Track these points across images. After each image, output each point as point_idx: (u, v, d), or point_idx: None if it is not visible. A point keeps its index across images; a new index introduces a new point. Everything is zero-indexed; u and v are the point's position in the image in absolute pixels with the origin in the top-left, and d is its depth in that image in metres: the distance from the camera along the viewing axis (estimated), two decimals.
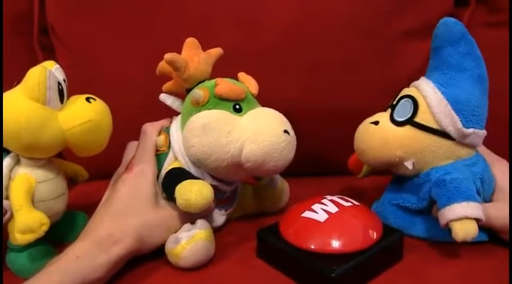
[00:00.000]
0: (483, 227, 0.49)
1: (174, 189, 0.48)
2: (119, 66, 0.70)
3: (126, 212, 0.48)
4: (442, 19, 0.52)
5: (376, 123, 0.53)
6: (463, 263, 0.49)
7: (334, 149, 0.71)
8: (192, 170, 0.52)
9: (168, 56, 0.51)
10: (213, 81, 0.53)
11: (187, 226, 0.49)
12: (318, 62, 0.68)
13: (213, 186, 0.49)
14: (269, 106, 0.54)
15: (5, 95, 0.47)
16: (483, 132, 0.51)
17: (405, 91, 0.54)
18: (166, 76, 0.56)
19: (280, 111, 0.53)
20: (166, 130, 0.55)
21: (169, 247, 0.47)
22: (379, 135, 0.52)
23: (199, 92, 0.51)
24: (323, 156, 0.73)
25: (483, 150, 0.55)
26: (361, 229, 0.48)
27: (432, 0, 0.70)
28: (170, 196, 0.49)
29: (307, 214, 0.48)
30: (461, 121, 0.50)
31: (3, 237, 0.48)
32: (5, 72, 0.60)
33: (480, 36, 0.53)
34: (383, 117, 0.54)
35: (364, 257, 0.45)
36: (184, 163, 0.52)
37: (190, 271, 0.48)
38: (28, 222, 0.46)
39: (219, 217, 0.56)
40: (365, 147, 0.54)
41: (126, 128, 0.55)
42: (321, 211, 0.48)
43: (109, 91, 0.65)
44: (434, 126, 0.51)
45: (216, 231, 0.53)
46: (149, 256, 0.49)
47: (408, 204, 0.54)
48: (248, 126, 0.50)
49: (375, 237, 0.47)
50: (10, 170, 0.49)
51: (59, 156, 0.54)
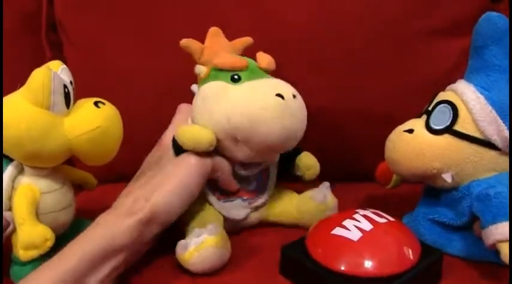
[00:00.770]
0: None
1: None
2: (128, 62, 0.68)
3: (147, 183, 0.48)
4: (485, 14, 0.47)
5: (410, 131, 0.49)
6: None
7: (358, 154, 0.68)
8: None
9: (183, 41, 0.54)
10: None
11: (197, 231, 0.46)
12: (340, 62, 0.65)
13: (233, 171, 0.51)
14: None
15: (6, 99, 0.44)
16: None
17: (442, 96, 0.49)
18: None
19: None
20: None
21: (178, 253, 0.46)
22: (414, 145, 0.48)
23: (199, 67, 0.52)
24: (347, 161, 0.69)
25: None
26: (397, 250, 0.43)
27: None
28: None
29: (338, 231, 0.44)
30: (508, 129, 0.45)
31: (6, 249, 0.45)
32: (13, 70, 0.57)
33: None
34: (418, 125, 0.49)
35: (400, 281, 0.41)
36: None
37: (207, 277, 0.46)
38: (31, 238, 0.44)
39: (241, 210, 0.53)
40: (398, 158, 0.49)
41: (136, 127, 0.53)
42: (354, 228, 0.44)
43: (118, 88, 0.66)
44: (476, 135, 0.46)
45: (240, 236, 0.52)
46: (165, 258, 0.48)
47: (445, 220, 0.49)
48: (237, 94, 0.48)
49: (413, 258, 0.43)
50: (13, 180, 0.46)
51: (66, 162, 0.50)
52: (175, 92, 0.65)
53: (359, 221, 0.45)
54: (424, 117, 0.49)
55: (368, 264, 0.41)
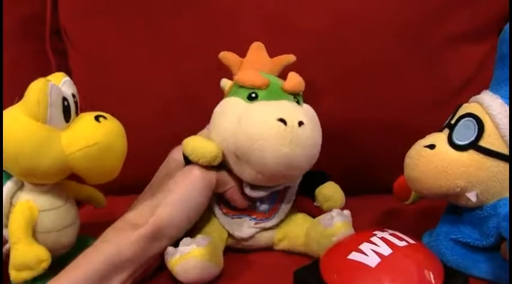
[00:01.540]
0: None
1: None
2: (135, 69, 0.67)
3: (156, 193, 0.48)
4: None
5: (431, 147, 0.45)
6: None
7: (374, 165, 0.65)
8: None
9: (221, 54, 0.54)
10: None
11: (186, 240, 0.46)
12: (357, 70, 0.63)
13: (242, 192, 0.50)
14: None
15: (5, 112, 0.42)
16: None
17: (466, 108, 0.46)
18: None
19: None
20: None
21: (165, 259, 0.46)
22: (436, 162, 0.45)
23: (224, 81, 0.53)
24: (363, 173, 0.67)
25: None
26: (419, 276, 0.41)
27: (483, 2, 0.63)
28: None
29: (354, 256, 0.42)
30: None
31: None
32: (16, 77, 0.56)
33: None
34: (440, 140, 0.46)
35: None
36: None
37: None
38: (25, 258, 0.42)
39: (247, 229, 0.52)
40: (418, 175, 0.46)
41: (142, 136, 0.53)
42: (372, 253, 0.41)
43: (123, 97, 0.66)
44: (503, 151, 0.43)
45: (251, 256, 0.51)
46: None
47: (470, 240, 0.46)
48: (244, 111, 0.47)
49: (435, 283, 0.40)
50: (11, 196, 0.45)
51: (74, 178, 0.49)
52: (183, 101, 0.64)
53: (377, 245, 0.42)
54: (447, 131, 0.46)
55: None
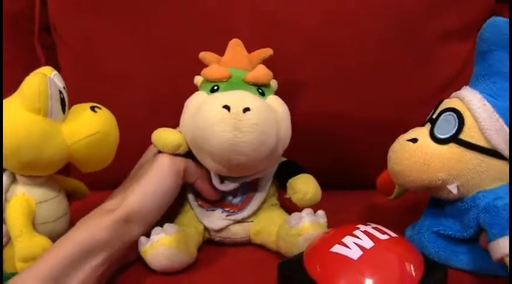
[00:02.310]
0: None
1: None
2: (123, 65, 0.67)
3: (129, 181, 0.50)
4: (490, 19, 0.45)
5: (414, 141, 0.46)
6: None
7: (364, 161, 0.66)
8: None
9: (201, 54, 0.54)
10: None
11: (156, 229, 0.47)
12: (347, 68, 0.63)
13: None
14: (293, 113, 0.51)
15: (3, 107, 0.44)
16: None
17: (447, 103, 0.47)
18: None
19: (305, 119, 0.49)
20: None
21: (139, 249, 0.47)
22: (418, 155, 0.46)
23: (197, 78, 0.54)
24: (350, 168, 0.67)
25: None
26: (400, 268, 0.41)
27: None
28: None
29: (337, 249, 0.42)
30: None
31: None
32: (5, 73, 0.58)
33: None
34: (422, 134, 0.47)
35: None
36: None
37: None
38: (31, 249, 0.43)
39: (219, 220, 0.52)
40: (401, 169, 0.47)
41: (131, 130, 0.52)
42: (354, 246, 0.41)
43: (112, 92, 0.66)
44: (483, 144, 0.44)
45: (237, 253, 0.51)
46: None
47: (451, 232, 0.47)
48: (198, 102, 0.49)
49: (416, 275, 0.41)
50: (6, 191, 0.45)
51: (59, 171, 0.50)
52: (169, 97, 0.64)
53: (360, 238, 0.42)
54: (429, 126, 0.47)
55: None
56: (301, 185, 0.52)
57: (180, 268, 0.47)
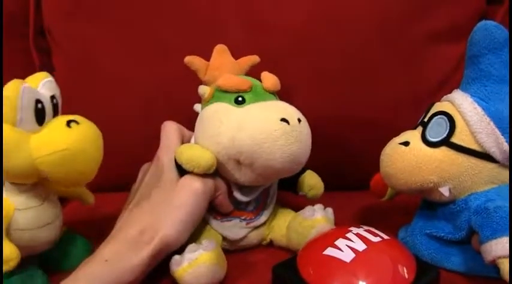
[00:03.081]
0: None
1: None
2: (118, 68, 0.67)
3: (153, 211, 0.46)
4: (480, 23, 0.46)
5: (405, 144, 0.47)
6: None
7: (351, 162, 0.66)
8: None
9: (187, 58, 0.53)
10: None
11: (192, 247, 0.45)
12: (335, 67, 0.64)
13: (229, 195, 0.50)
14: None
15: None
16: None
17: (438, 106, 0.48)
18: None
19: None
20: None
21: (172, 269, 0.45)
22: (410, 158, 0.46)
23: (203, 87, 0.51)
24: (340, 169, 0.67)
25: None
26: (392, 270, 0.42)
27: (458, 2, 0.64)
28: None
29: (330, 252, 0.42)
30: (506, 141, 0.43)
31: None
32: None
33: None
34: (414, 137, 0.47)
35: None
36: None
37: None
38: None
39: (240, 230, 0.52)
40: (394, 172, 0.47)
41: (124, 134, 0.53)
42: (347, 248, 0.42)
43: (107, 96, 0.66)
44: (474, 147, 0.45)
45: (231, 257, 0.49)
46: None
47: (443, 234, 0.48)
48: (241, 115, 0.47)
49: (408, 277, 0.41)
50: None
51: None
52: (165, 101, 0.64)
53: (352, 240, 0.43)
54: (420, 129, 0.48)
55: None
56: (312, 181, 0.55)
57: None
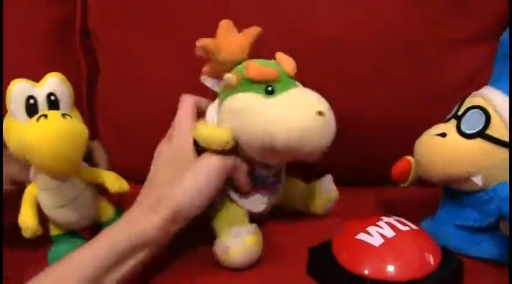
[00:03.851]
0: None
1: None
2: (156, 68, 0.71)
3: (167, 181, 0.49)
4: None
5: (443, 135, 0.50)
6: None
7: (373, 160, 0.68)
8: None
9: (200, 42, 0.51)
10: (244, 64, 0.52)
11: (235, 230, 0.50)
12: (361, 71, 0.66)
13: (251, 170, 0.52)
14: None
15: None
16: None
17: (472, 101, 0.50)
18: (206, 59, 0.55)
19: None
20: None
21: (219, 253, 0.49)
22: (447, 149, 0.49)
23: (230, 77, 0.51)
24: (364, 166, 0.70)
25: None
26: (418, 256, 0.45)
27: (479, 10, 0.66)
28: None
29: (361, 237, 0.46)
30: None
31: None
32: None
33: None
34: (450, 129, 0.50)
35: None
36: None
37: (241, 272, 0.49)
38: (20, 221, 0.50)
39: (261, 204, 0.55)
40: (430, 161, 0.50)
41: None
42: (377, 234, 0.46)
43: (146, 93, 0.70)
44: (507, 140, 0.47)
45: (268, 235, 0.53)
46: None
47: (471, 222, 0.50)
48: (278, 109, 0.48)
49: (433, 264, 0.45)
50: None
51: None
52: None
53: (382, 228, 0.47)
54: (454, 122, 0.50)
55: (390, 269, 0.43)
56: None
57: None
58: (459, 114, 0.50)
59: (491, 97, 0.48)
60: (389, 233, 0.46)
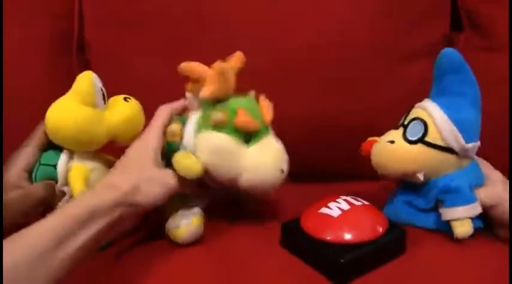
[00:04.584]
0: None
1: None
2: (151, 80, 0.75)
3: (127, 168, 0.55)
4: (443, 50, 0.59)
5: (392, 142, 0.61)
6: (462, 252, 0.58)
7: (341, 158, 0.76)
8: None
9: (182, 65, 0.58)
10: (235, 107, 0.56)
11: (183, 211, 0.58)
12: (334, 78, 0.75)
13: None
14: (287, 122, 0.61)
15: (59, 102, 0.58)
16: (478, 144, 0.60)
17: (415, 113, 0.61)
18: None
19: (298, 125, 0.65)
20: (181, 120, 0.60)
21: (171, 230, 0.58)
22: (396, 153, 0.60)
23: (219, 115, 0.55)
24: (337, 163, 0.79)
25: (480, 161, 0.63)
26: (368, 224, 0.56)
27: (432, 24, 0.77)
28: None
29: (323, 210, 0.57)
30: (463, 138, 0.58)
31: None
32: (48, 86, 0.72)
33: (473, 59, 0.60)
34: (397, 137, 0.61)
35: (370, 247, 0.54)
36: None
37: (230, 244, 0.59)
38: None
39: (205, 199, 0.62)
40: (383, 163, 0.61)
41: None
42: (335, 208, 0.57)
43: (142, 100, 0.68)
44: (441, 144, 0.58)
45: (244, 219, 0.64)
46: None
47: (417, 204, 0.63)
48: (250, 159, 0.57)
49: (381, 231, 0.56)
50: (67, 163, 0.60)
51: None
52: None
53: (340, 203, 0.57)
54: (401, 130, 0.61)
55: (345, 234, 0.54)
56: None
57: None
58: (405, 124, 0.61)
59: (431, 110, 0.59)
60: (345, 206, 0.57)
